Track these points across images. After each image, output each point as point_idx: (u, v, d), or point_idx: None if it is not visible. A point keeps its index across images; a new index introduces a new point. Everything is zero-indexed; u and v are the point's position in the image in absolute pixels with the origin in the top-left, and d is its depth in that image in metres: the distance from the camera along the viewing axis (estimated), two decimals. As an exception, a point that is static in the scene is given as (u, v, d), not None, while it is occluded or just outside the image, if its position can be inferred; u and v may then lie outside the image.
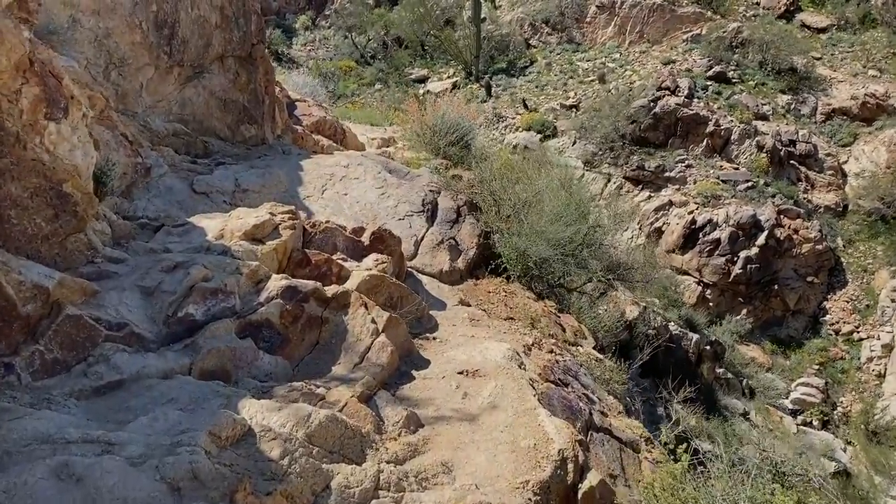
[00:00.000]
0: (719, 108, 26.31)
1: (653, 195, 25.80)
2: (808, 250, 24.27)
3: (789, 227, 24.46)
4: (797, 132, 26.12)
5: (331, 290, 6.78)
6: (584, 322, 10.66)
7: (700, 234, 24.31)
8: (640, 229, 25.08)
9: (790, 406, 22.80)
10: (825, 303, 24.59)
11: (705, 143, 25.81)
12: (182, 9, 10.49)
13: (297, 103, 14.37)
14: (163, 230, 7.25)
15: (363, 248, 8.23)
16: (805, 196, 25.63)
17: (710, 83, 26.92)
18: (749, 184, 25.08)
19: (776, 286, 24.19)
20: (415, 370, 6.91)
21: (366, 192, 9.78)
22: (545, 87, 28.31)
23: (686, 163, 25.87)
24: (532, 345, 8.07)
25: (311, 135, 13.52)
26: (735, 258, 23.94)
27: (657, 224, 25.16)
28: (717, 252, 24.10)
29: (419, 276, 8.98)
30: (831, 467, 20.26)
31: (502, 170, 10.80)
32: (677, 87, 26.35)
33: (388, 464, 5.22)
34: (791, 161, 25.88)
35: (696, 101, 26.25)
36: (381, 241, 8.38)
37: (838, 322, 24.25)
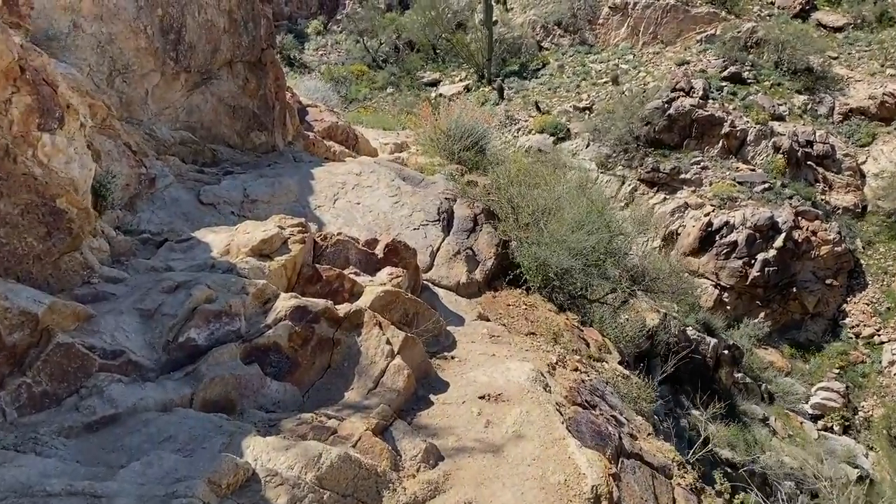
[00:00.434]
0: (734, 108, 25.65)
1: (668, 197, 25.17)
2: (827, 252, 23.57)
3: (807, 229, 23.77)
4: (814, 132, 25.41)
5: (343, 308, 6.27)
6: (607, 333, 10.11)
7: (716, 237, 23.67)
8: (655, 232, 24.45)
9: (810, 411, 22.12)
10: (845, 305, 23.87)
11: (721, 144, 25.15)
12: (189, 13, 10.02)
13: (308, 109, 13.89)
14: (165, 246, 6.75)
15: (377, 262, 7.71)
16: (823, 197, 24.93)
17: (724, 84, 26.26)
18: (766, 185, 24.40)
19: (794, 289, 23.52)
20: (433, 394, 6.38)
21: (379, 201, 9.26)
22: (558, 90, 27.72)
23: (701, 164, 25.23)
24: (556, 363, 7.52)
25: (322, 141, 13.04)
26: (752, 261, 23.29)
27: (673, 227, 24.53)
28: (734, 255, 23.46)
29: (435, 289, 8.45)
30: (854, 474, 19.60)
31: (519, 175, 10.24)
32: (692, 88, 25.71)
33: (406, 506, 4.70)
34: (808, 162, 25.18)
35: (711, 102, 25.60)
36: (396, 253, 7.85)
37: (858, 325, 23.54)
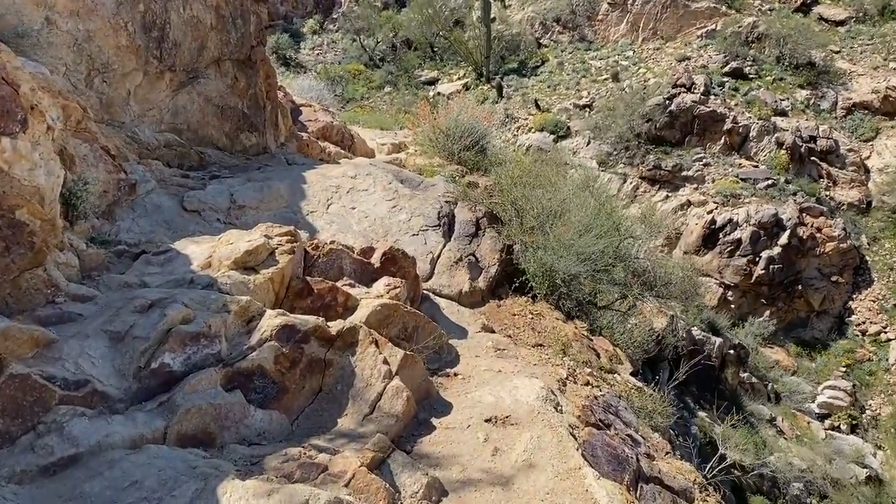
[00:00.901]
0: (736, 104, 25.03)
1: (670, 195, 24.58)
2: (832, 249, 22.99)
3: (812, 226, 23.18)
4: (817, 128, 24.79)
5: (335, 326, 5.66)
6: (617, 340, 9.50)
7: (720, 235, 23.11)
8: (660, 231, 23.82)
9: (817, 410, 21.55)
10: (851, 303, 23.28)
11: (723, 140, 24.55)
12: (173, 9, 9.39)
13: (301, 108, 13.27)
14: (141, 259, 6.13)
15: (373, 272, 7.10)
16: (827, 193, 24.32)
17: (726, 79, 25.63)
18: (769, 182, 23.80)
19: (800, 286, 22.93)
20: (435, 417, 5.78)
21: (375, 206, 8.64)
22: (557, 87, 27.08)
23: (704, 161, 24.62)
24: (567, 378, 6.91)
25: (316, 141, 12.42)
26: (757, 258, 22.72)
27: (675, 225, 23.93)
28: (738, 252, 22.89)
29: (436, 298, 7.84)
30: (863, 474, 19.03)
31: (523, 177, 9.63)
32: (693, 84, 25.09)
33: (406, 556, 4.10)
34: (812, 157, 24.56)
35: (712, 97, 24.97)
36: (393, 262, 7.24)
37: (865, 322, 22.95)
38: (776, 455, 17.52)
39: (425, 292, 7.80)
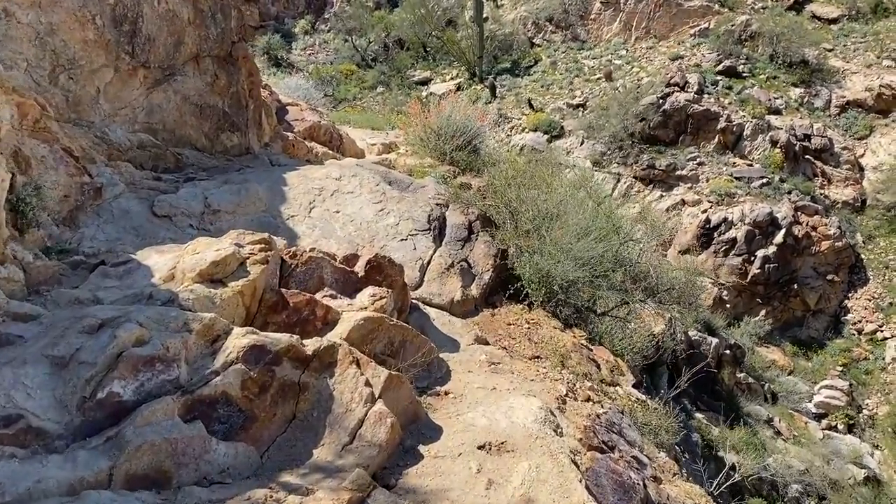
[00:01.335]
0: (730, 103, 24.42)
1: (664, 194, 23.99)
2: (828, 248, 22.43)
3: (807, 225, 22.62)
4: (811, 126, 24.20)
5: (311, 344, 5.00)
6: (616, 347, 8.84)
7: (715, 234, 22.53)
8: (661, 233, 23.22)
9: (813, 410, 20.99)
10: (846, 301, 22.73)
11: (717, 139, 23.95)
12: (146, 2, 8.69)
13: (288, 107, 12.58)
14: (98, 271, 5.46)
15: (357, 281, 6.44)
16: (822, 191, 23.76)
17: (720, 78, 25.00)
18: (764, 180, 23.22)
19: (795, 285, 22.37)
20: (423, 444, 5.13)
21: (361, 209, 7.97)
22: (551, 87, 26.41)
23: (698, 160, 24.03)
24: (566, 394, 6.27)
25: (303, 141, 11.74)
26: (752, 258, 22.16)
27: (670, 224, 23.31)
28: (733, 252, 22.33)
29: (426, 308, 7.18)
30: (860, 475, 18.48)
31: (517, 177, 8.98)
32: (686, 82, 24.46)
33: None
34: (806, 156, 23.99)
35: (706, 96, 24.35)
36: (379, 270, 6.58)
37: (861, 321, 22.40)
38: (774, 457, 16.99)
39: (414, 302, 7.14)
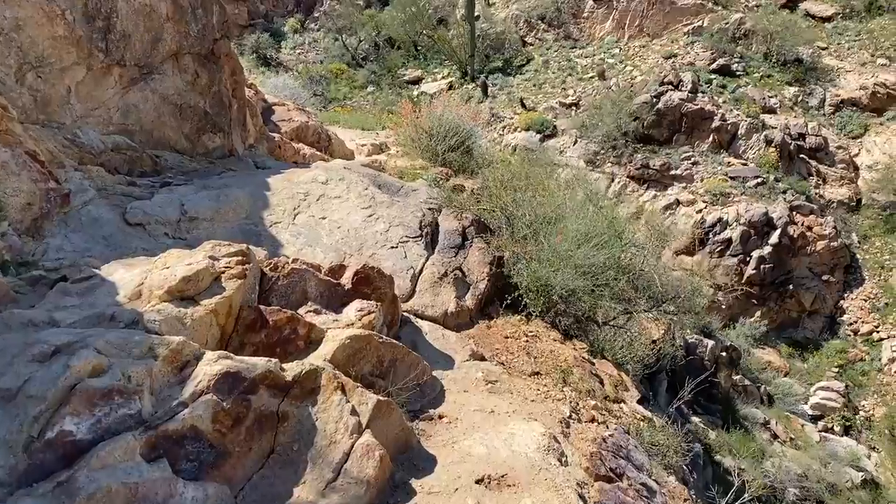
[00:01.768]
0: (724, 102, 24.01)
1: (658, 194, 23.55)
2: (823, 248, 22.07)
3: (802, 225, 22.25)
4: (806, 125, 23.83)
5: (291, 370, 4.49)
6: (617, 357, 8.36)
7: (710, 234, 22.10)
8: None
9: (810, 412, 20.63)
10: (842, 302, 22.37)
11: (711, 138, 23.53)
12: (121, -4, 8.16)
13: (274, 107, 12.05)
14: (57, 289, 4.92)
15: (343, 294, 5.93)
16: (817, 191, 23.38)
17: (713, 77, 24.60)
18: (759, 180, 22.82)
19: (791, 286, 21.99)
20: (415, 477, 4.63)
21: (349, 215, 7.46)
22: (543, 86, 25.92)
23: (692, 160, 23.61)
24: (570, 416, 5.79)
25: (290, 143, 11.23)
26: (748, 258, 21.78)
27: (665, 224, 22.88)
28: (728, 252, 21.92)
29: (418, 321, 6.68)
30: (858, 478, 18.11)
31: (513, 180, 8.49)
32: (680, 81, 24.04)
33: None
34: (801, 155, 23.61)
35: (700, 95, 23.93)
36: (367, 282, 6.07)
37: (856, 322, 22.05)
38: (772, 460, 16.62)
39: (405, 314, 6.63)
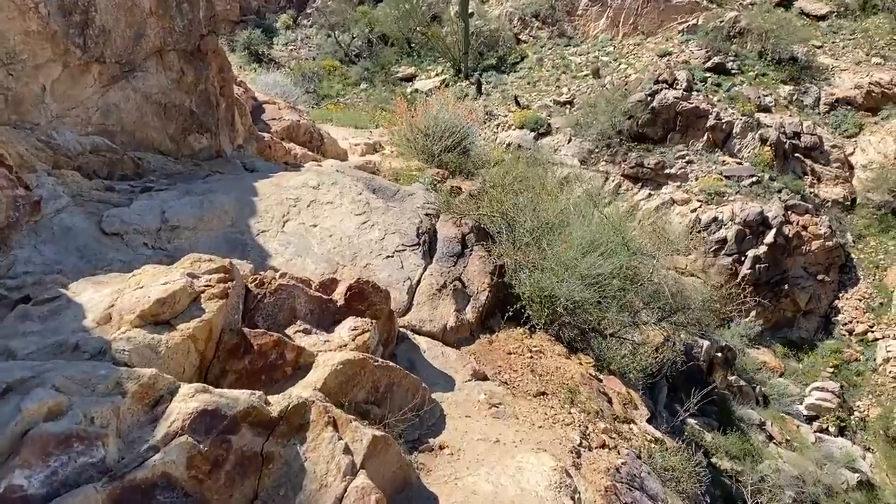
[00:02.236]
0: (719, 100, 23.58)
1: (653, 193, 23.11)
2: (818, 247, 21.70)
3: (798, 224, 21.87)
4: (801, 124, 23.43)
5: (277, 403, 3.97)
6: (618, 365, 7.89)
7: (705, 234, 21.68)
8: (640, 229, 22.34)
9: (805, 412, 20.29)
10: (837, 302, 22.02)
11: (706, 137, 23.10)
12: (99, -12, 7.59)
13: (265, 106, 11.48)
14: (17, 311, 4.37)
15: (335, 311, 5.41)
16: (811, 190, 23.00)
17: (708, 75, 24.17)
18: (753, 179, 22.42)
19: (786, 286, 21.61)
20: (415, 520, 4.14)
21: (342, 222, 6.94)
22: (537, 84, 25.41)
23: (687, 158, 23.18)
24: (580, 443, 5.30)
25: (281, 142, 10.67)
26: (742, 258, 21.38)
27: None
28: (723, 252, 21.52)
29: (416, 338, 6.17)
30: (854, 479, 17.77)
31: (514, 183, 7.98)
32: (675, 79, 23.58)
33: None
34: (796, 154, 23.22)
35: (695, 93, 23.48)
36: (362, 297, 5.56)
37: (851, 322, 21.71)
38: (767, 462, 16.28)
39: (402, 330, 6.12)
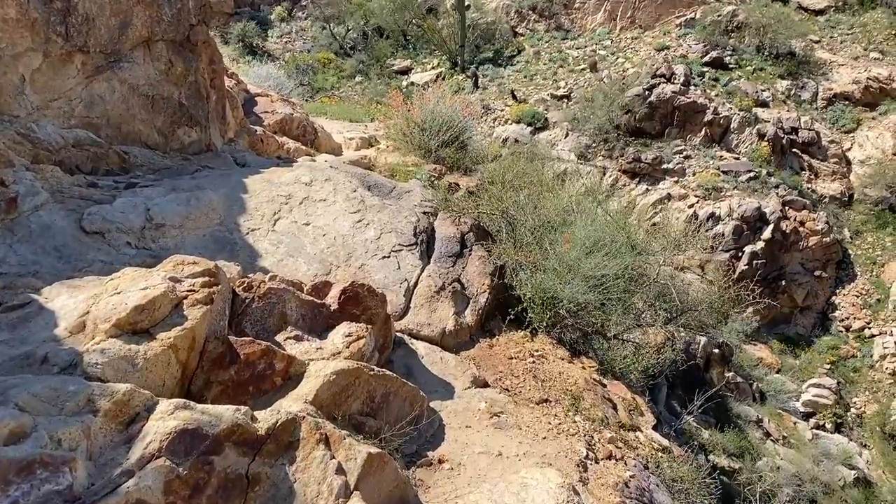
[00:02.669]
0: (717, 95, 23.27)
1: (650, 188, 22.80)
2: (816, 243, 21.44)
3: (795, 220, 21.60)
4: (799, 119, 23.14)
5: (265, 420, 3.64)
6: (620, 365, 7.59)
7: (702, 229, 21.36)
8: (638, 225, 22.04)
9: (801, 409, 20.08)
10: (834, 298, 21.77)
11: (704, 132, 22.78)
12: (82, -26, 7.21)
13: (257, 98, 11.12)
14: (-16, 318, 4.04)
15: (328, 316, 5.08)
16: (809, 186, 22.73)
17: (706, 69, 23.84)
18: (751, 174, 22.13)
19: (783, 282, 21.35)
20: (413, 544, 3.82)
21: (336, 220, 6.60)
22: (534, 77, 25.03)
23: (684, 153, 22.87)
24: (586, 455, 4.99)
25: (273, 136, 10.31)
26: (740, 253, 21.10)
27: (656, 219, 22.15)
28: (720, 247, 21.23)
29: (413, 343, 5.84)
30: (850, 476, 17.59)
31: (515, 180, 7.65)
32: (673, 73, 23.24)
33: None
34: (793, 149, 22.94)
35: (692, 88, 23.14)
36: (356, 301, 5.22)
37: (848, 318, 21.48)
38: (765, 459, 16.08)
39: (399, 335, 5.80)
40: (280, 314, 4.85)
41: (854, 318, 21.33)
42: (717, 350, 18.41)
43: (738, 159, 22.59)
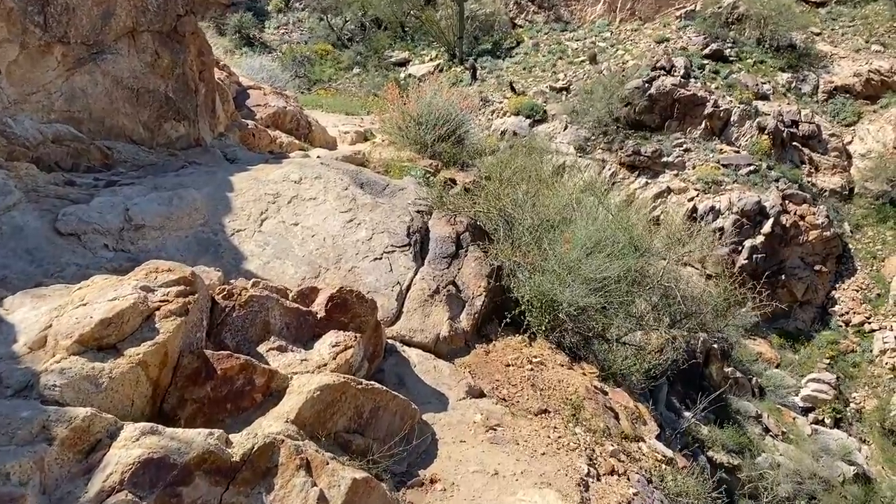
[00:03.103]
0: (717, 88, 22.87)
1: (650, 182, 22.43)
2: (816, 237, 21.10)
3: (795, 214, 21.26)
4: (799, 112, 22.75)
5: (240, 445, 3.32)
6: (620, 367, 7.26)
7: (702, 223, 21.04)
8: (639, 221, 21.69)
9: (801, 403, 19.81)
10: (833, 292, 21.47)
11: (703, 125, 22.39)
12: (61, -38, 6.84)
13: (249, 91, 10.74)
14: (-63, 332, 3.71)
15: (315, 324, 4.75)
16: (809, 179, 22.36)
17: (706, 62, 23.42)
18: (751, 168, 21.78)
19: (783, 276, 21.04)
20: (402, 577, 3.51)
21: (326, 220, 6.26)
22: (533, 69, 24.61)
23: (684, 147, 22.51)
24: (588, 472, 4.68)
25: (266, 130, 9.96)
26: (740, 247, 20.79)
27: (655, 212, 21.82)
28: (720, 241, 20.89)
29: (405, 350, 5.51)
30: (850, 472, 17.34)
31: (513, 178, 7.31)
32: (673, 66, 22.82)
33: None
34: (794, 143, 22.56)
35: (692, 80, 22.75)
36: (345, 308, 4.89)
37: (848, 313, 21.18)
38: (764, 455, 15.83)
39: (390, 342, 5.47)
40: (263, 323, 4.52)
41: (854, 312, 21.04)
42: (715, 345, 18.13)
43: (738, 153, 22.22)
